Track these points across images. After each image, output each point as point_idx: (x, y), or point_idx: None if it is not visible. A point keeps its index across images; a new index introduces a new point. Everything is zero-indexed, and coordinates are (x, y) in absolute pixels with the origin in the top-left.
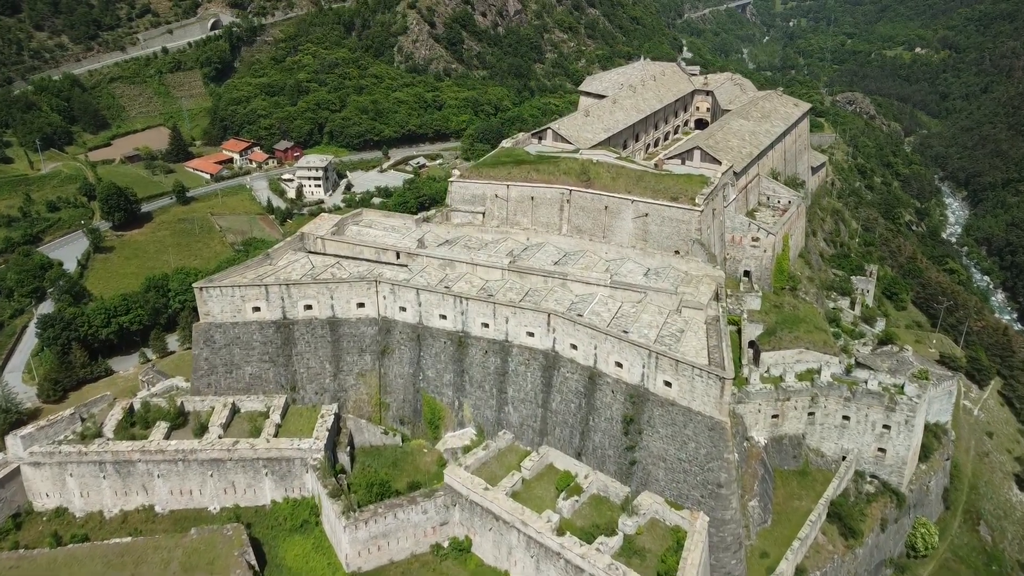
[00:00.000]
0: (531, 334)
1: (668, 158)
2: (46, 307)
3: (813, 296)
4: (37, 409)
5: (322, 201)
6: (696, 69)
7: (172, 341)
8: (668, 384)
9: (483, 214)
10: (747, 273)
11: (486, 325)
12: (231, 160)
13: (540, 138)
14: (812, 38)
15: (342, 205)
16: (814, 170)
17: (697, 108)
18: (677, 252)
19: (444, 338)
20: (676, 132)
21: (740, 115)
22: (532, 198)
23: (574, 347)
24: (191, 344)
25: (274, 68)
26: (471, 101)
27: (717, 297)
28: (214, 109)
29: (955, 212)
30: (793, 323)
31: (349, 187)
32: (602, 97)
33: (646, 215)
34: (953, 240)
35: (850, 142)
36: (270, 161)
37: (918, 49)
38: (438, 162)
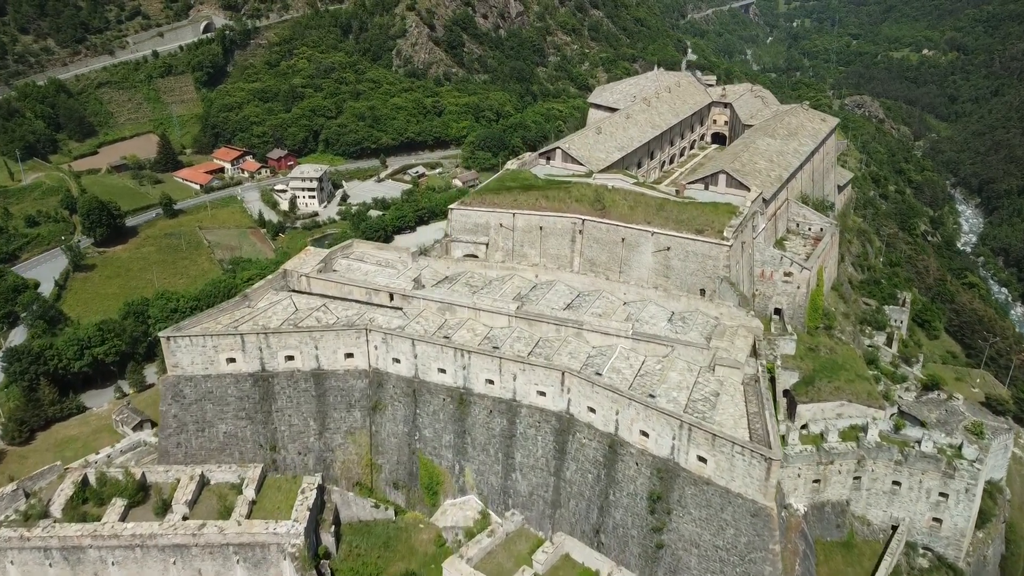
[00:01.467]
0: (542, 393)
1: (690, 183)
2: (18, 334)
3: (849, 335)
4: (1, 452)
5: (316, 214)
6: (712, 79)
7: (151, 372)
8: (703, 460)
9: (486, 245)
10: (778, 311)
11: (491, 382)
12: (222, 169)
13: (548, 158)
14: (817, 39)
15: (337, 218)
16: (840, 188)
17: (714, 121)
18: (703, 291)
19: (443, 394)
20: (692, 147)
21: (765, 132)
22: (541, 228)
23: (592, 410)
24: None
25: (268, 73)
26: (472, 107)
27: (755, 352)
28: (205, 116)
29: (968, 220)
30: (832, 370)
31: (345, 198)
32: (613, 110)
33: (668, 249)
34: (968, 250)
35: (862, 149)
36: (263, 170)
37: (925, 51)
38: (438, 171)
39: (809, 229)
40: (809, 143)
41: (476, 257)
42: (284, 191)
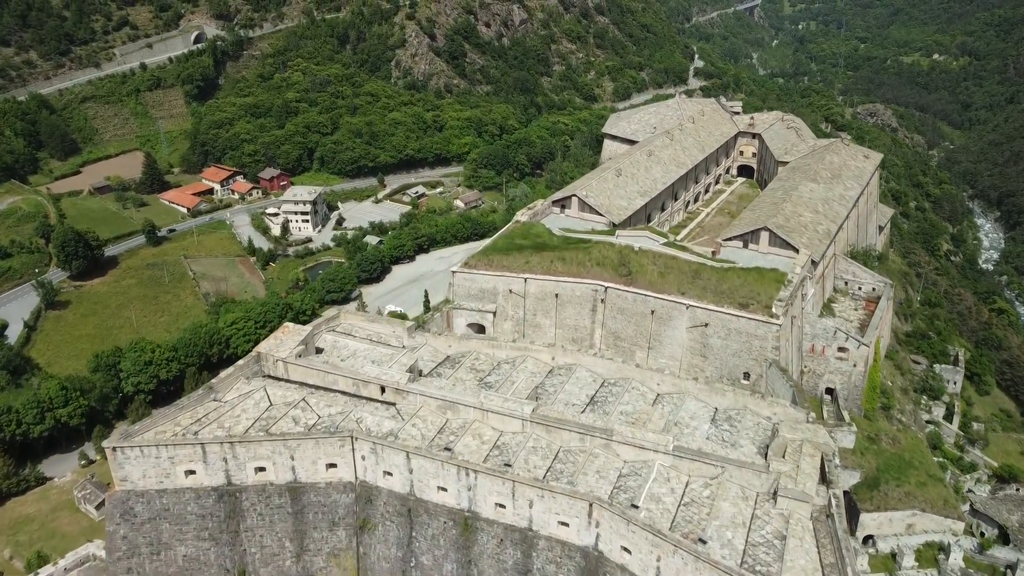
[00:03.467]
0: (564, 524)
1: (726, 239)
2: None
3: (909, 414)
4: None
5: (310, 239)
6: (738, 105)
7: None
8: None
9: (494, 313)
10: (830, 391)
11: (502, 506)
12: (211, 191)
13: (563, 206)
14: (823, 43)
15: (331, 244)
16: (880, 229)
17: (741, 153)
18: (746, 375)
19: (444, 516)
20: (718, 182)
21: (806, 176)
22: (556, 295)
23: (626, 550)
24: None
25: (260, 86)
26: (474, 121)
27: (824, 476)
28: (194, 132)
29: (988, 235)
30: (899, 470)
31: (340, 221)
32: (631, 142)
33: (706, 325)
34: (991, 267)
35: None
36: (254, 191)
37: (936, 56)
38: (438, 191)
39: (859, 288)
40: (855, 186)
41: (482, 328)
42: (276, 215)
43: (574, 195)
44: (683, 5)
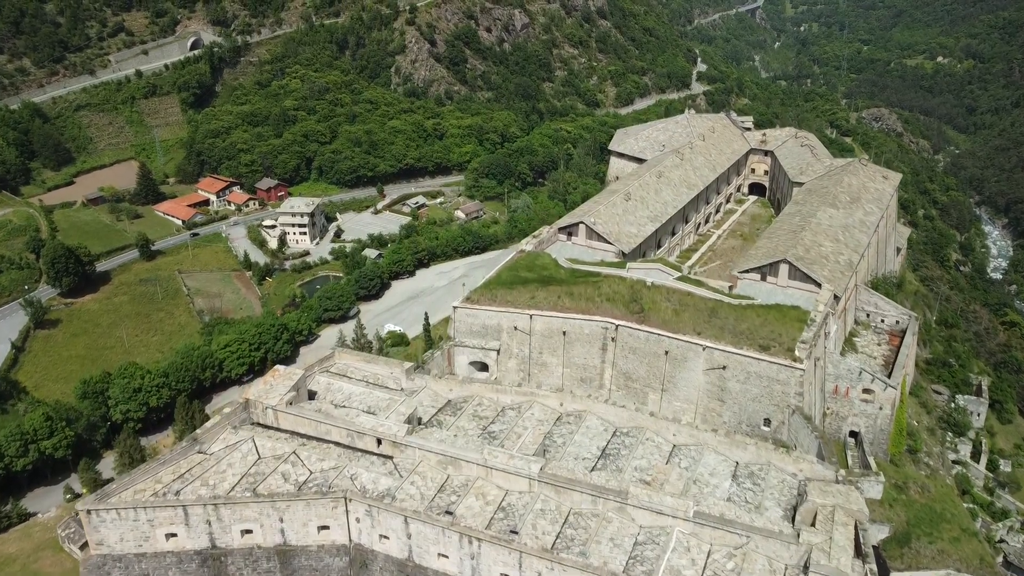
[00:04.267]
0: None
1: (743, 271)
2: None
3: (937, 456)
4: None
5: (307, 252)
6: (749, 121)
7: (108, 464)
8: None
9: (497, 351)
10: (854, 434)
11: None
12: (207, 202)
13: (570, 234)
14: (826, 45)
15: (329, 257)
16: (898, 250)
17: (752, 170)
18: (767, 421)
19: None
20: (729, 201)
21: (824, 200)
22: (564, 333)
23: None
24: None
25: (258, 94)
26: (475, 129)
27: (858, 547)
28: (190, 141)
29: (996, 243)
30: (931, 523)
31: (339, 233)
32: (638, 160)
33: (724, 368)
34: (999, 276)
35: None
36: (251, 202)
37: (940, 58)
38: (439, 201)
39: (882, 321)
40: (875, 211)
41: (485, 366)
42: (273, 227)
43: (581, 222)
44: (684, 7)
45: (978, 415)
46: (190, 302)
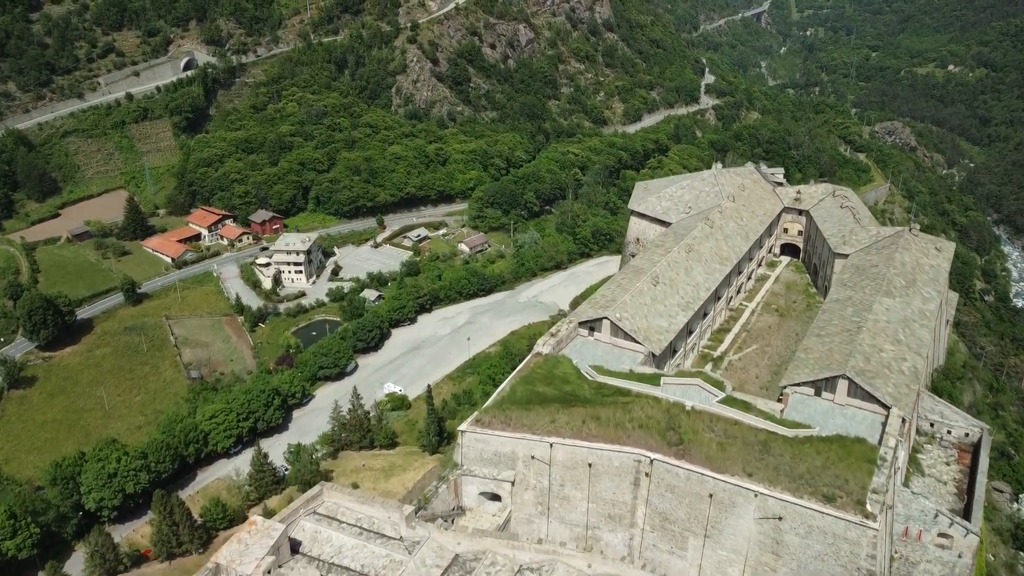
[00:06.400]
0: None
1: (795, 384)
2: None
3: None
4: None
5: (303, 293)
6: (780, 173)
7: (78, 561)
8: None
9: (512, 483)
10: None
11: None
12: (198, 236)
13: (592, 329)
14: (833, 51)
15: (326, 299)
16: (947, 322)
17: (785, 230)
18: None
19: None
20: (760, 264)
21: (876, 284)
22: (590, 465)
23: None
24: None
25: (253, 118)
26: (479, 153)
27: None
28: (181, 171)
29: (1017, 264)
30: None
31: (336, 271)
32: (663, 223)
33: (780, 519)
34: (1022, 303)
35: (904, 192)
36: (244, 237)
37: (951, 67)
38: (441, 232)
39: (948, 432)
40: (934, 295)
41: (497, 497)
42: (267, 265)
43: (605, 318)
44: (690, 13)
45: None
46: (177, 354)
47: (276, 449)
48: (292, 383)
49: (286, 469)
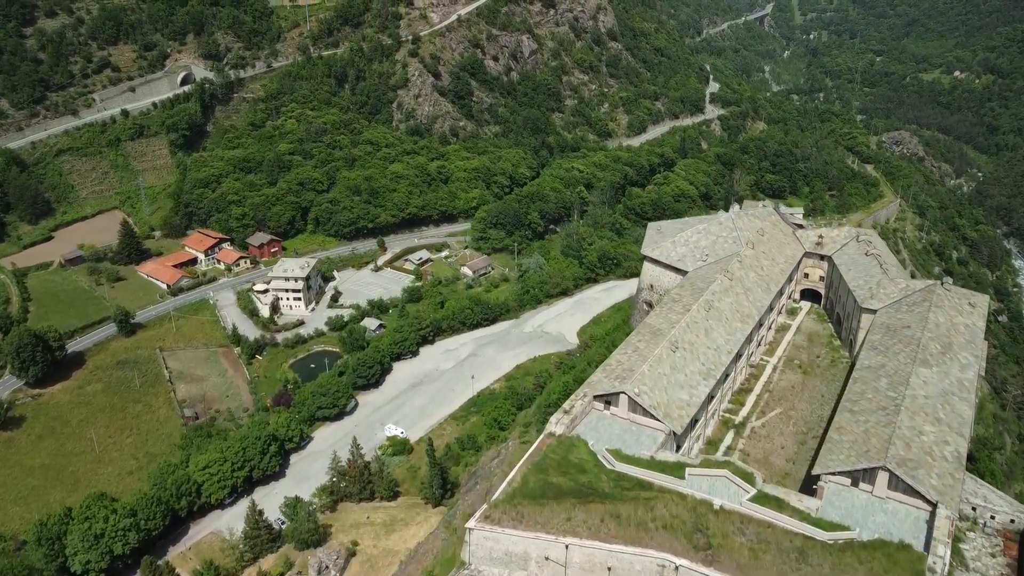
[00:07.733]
0: None
1: (831, 474)
2: None
3: None
4: None
5: (302, 322)
6: (799, 214)
7: None
8: None
9: None
10: None
11: None
12: (194, 260)
13: (608, 403)
14: (838, 56)
15: (325, 328)
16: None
17: (806, 275)
18: None
19: None
20: (780, 312)
21: (910, 351)
22: (610, 569)
23: None
24: None
25: (251, 136)
26: (482, 171)
27: None
28: (178, 192)
29: None
30: None
31: (336, 297)
32: (678, 271)
33: None
34: None
35: (915, 207)
36: (242, 261)
37: (957, 73)
38: (443, 254)
39: (992, 518)
40: (972, 362)
41: None
42: (265, 291)
43: (623, 392)
44: (693, 18)
45: None
46: (171, 390)
47: (272, 500)
48: (289, 427)
49: (283, 523)
